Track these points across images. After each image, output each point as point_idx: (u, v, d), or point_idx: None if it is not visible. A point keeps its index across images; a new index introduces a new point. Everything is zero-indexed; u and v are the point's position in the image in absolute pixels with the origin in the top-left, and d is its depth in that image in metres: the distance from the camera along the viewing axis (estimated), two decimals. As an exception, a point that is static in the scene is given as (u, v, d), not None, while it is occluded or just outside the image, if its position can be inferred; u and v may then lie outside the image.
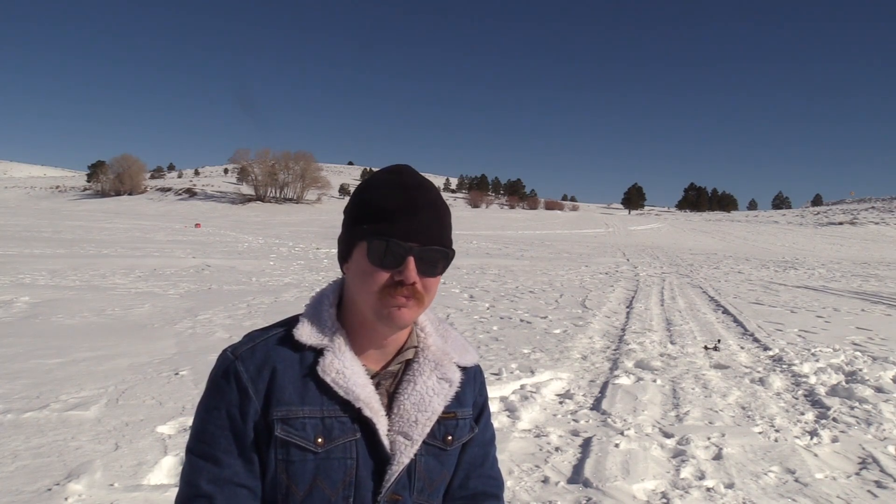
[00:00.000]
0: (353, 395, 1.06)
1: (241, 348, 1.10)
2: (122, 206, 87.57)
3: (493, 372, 5.54)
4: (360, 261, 1.06)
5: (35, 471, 3.18)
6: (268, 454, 1.06)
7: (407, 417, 1.10)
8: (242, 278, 12.12)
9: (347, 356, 1.08)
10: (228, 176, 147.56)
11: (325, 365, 1.06)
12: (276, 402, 1.05)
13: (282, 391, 1.05)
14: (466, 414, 1.21)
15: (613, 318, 9.23)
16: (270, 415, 1.05)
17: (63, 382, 4.70)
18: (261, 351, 1.08)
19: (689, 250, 35.56)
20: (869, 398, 5.12)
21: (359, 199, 1.11)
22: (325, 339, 1.09)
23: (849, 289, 15.76)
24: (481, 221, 73.47)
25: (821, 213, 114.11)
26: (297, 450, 1.04)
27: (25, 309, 7.72)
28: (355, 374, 1.07)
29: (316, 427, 1.05)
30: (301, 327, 1.10)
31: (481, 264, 18.46)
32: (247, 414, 1.05)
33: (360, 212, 1.08)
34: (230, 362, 1.08)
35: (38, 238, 20.20)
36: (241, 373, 1.06)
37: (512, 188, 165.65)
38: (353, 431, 1.07)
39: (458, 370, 1.18)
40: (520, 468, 3.54)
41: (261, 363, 1.07)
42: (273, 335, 1.11)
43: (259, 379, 1.06)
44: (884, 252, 45.37)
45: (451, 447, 1.18)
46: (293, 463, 1.05)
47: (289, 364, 1.07)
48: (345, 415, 1.07)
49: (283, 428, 1.04)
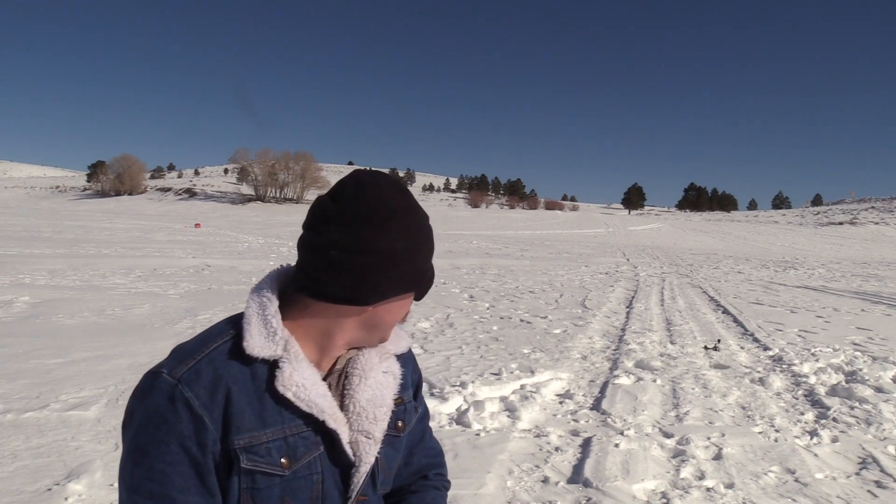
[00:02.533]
0: (316, 408, 0.99)
1: (180, 369, 0.95)
2: (122, 206, 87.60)
3: (493, 372, 5.54)
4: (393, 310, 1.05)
5: (35, 471, 3.18)
6: (228, 483, 0.97)
7: (366, 416, 1.06)
8: (242, 278, 12.12)
9: (304, 366, 1.00)
10: (228, 176, 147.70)
11: (285, 379, 0.97)
12: (235, 429, 0.94)
13: (241, 416, 0.95)
14: (409, 396, 1.20)
15: (613, 318, 9.23)
16: (230, 443, 0.95)
17: (63, 382, 4.70)
18: (207, 370, 0.95)
19: (689, 250, 35.56)
20: (869, 398, 5.12)
21: (390, 226, 0.98)
22: (278, 348, 0.98)
23: (849, 289, 15.76)
24: (481, 221, 73.49)
25: (821, 213, 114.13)
26: (263, 476, 0.97)
27: (25, 309, 7.72)
28: (315, 384, 1.00)
29: (280, 448, 0.98)
30: (250, 338, 0.98)
31: (481, 264, 18.46)
32: (205, 446, 0.93)
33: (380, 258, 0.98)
34: (171, 387, 0.93)
35: (38, 238, 20.19)
36: (190, 399, 0.93)
37: (512, 188, 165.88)
38: (317, 445, 1.01)
39: (397, 361, 1.16)
40: (520, 468, 3.54)
41: (211, 386, 0.94)
42: (215, 349, 0.98)
43: (213, 404, 0.93)
44: (884, 252, 45.37)
45: (404, 433, 1.16)
46: (259, 490, 0.97)
47: (242, 383, 0.96)
48: (307, 429, 1.00)
49: (249, 457, 0.95)
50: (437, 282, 12.84)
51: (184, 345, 1.01)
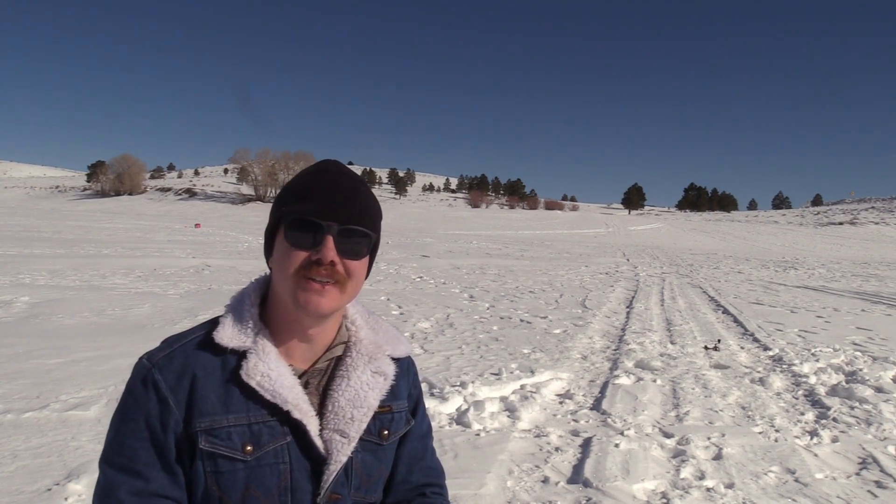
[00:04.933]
0: (280, 398, 1.01)
1: (157, 355, 1.04)
2: (122, 206, 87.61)
3: (493, 372, 5.54)
4: (280, 244, 1.04)
5: (35, 471, 3.18)
6: (194, 466, 1.01)
7: (342, 415, 1.07)
8: (242, 278, 12.11)
9: (272, 357, 1.03)
10: (228, 176, 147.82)
11: (249, 368, 1.01)
12: (198, 412, 1.00)
13: (204, 401, 1.01)
14: (402, 407, 1.19)
15: (613, 318, 9.23)
16: (193, 426, 1.00)
17: (63, 382, 4.70)
18: (179, 357, 1.03)
19: (689, 250, 35.56)
20: (869, 398, 5.12)
21: (283, 187, 1.10)
22: (248, 340, 1.04)
23: (849, 289, 15.76)
24: (481, 221, 73.50)
25: (821, 213, 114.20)
26: (225, 460, 1.00)
27: (25, 309, 7.71)
28: (281, 375, 1.03)
29: (243, 434, 1.01)
30: (221, 330, 1.05)
31: (481, 264, 18.47)
32: (167, 426, 1.00)
33: (282, 197, 1.07)
34: (146, 370, 1.02)
35: (38, 238, 20.19)
36: (158, 381, 1.01)
37: (512, 188, 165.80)
38: (284, 435, 1.03)
39: (391, 363, 1.16)
40: (520, 468, 3.54)
41: (180, 371, 1.02)
42: (191, 339, 1.06)
43: (179, 388, 1.01)
44: (884, 252, 45.37)
45: (388, 441, 1.15)
46: (222, 474, 1.01)
47: (210, 370, 1.03)
48: (273, 418, 1.03)
49: (208, 439, 1.00)
50: (437, 282, 12.86)
51: (171, 336, 1.09)
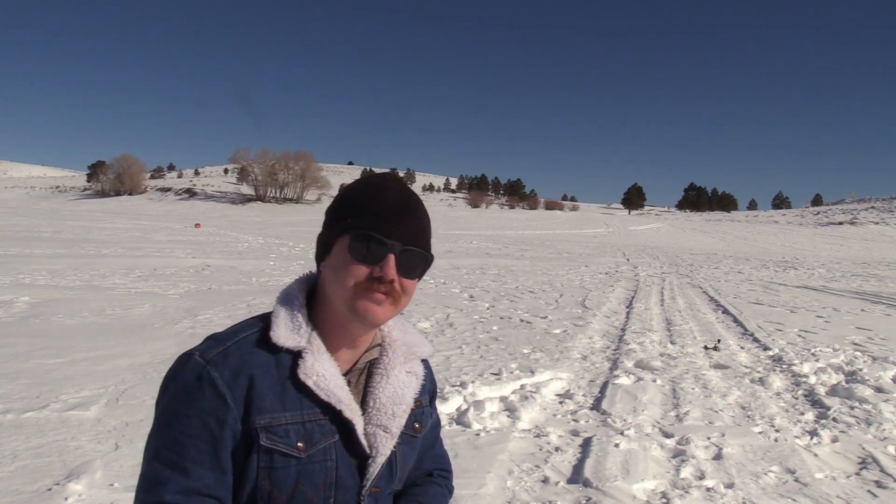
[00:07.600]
0: (334, 398, 1.06)
1: (210, 352, 1.05)
2: (122, 206, 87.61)
3: (493, 372, 5.54)
4: (341, 255, 1.06)
5: (35, 471, 3.18)
6: (247, 462, 1.04)
7: (385, 411, 1.13)
8: (242, 278, 12.12)
9: (325, 358, 1.08)
10: (228, 176, 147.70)
11: (307, 368, 1.05)
12: (256, 409, 1.03)
13: (262, 398, 1.03)
14: (426, 401, 1.27)
15: (613, 318, 9.23)
16: (251, 423, 1.03)
17: (63, 382, 4.70)
18: (234, 356, 1.05)
19: (689, 250, 35.56)
20: (869, 398, 5.13)
21: (343, 197, 1.12)
22: (302, 340, 1.07)
23: (849, 289, 15.76)
24: (481, 221, 73.49)
25: (821, 213, 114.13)
26: (281, 456, 1.04)
27: (25, 309, 7.72)
28: (335, 376, 1.08)
29: (298, 432, 1.05)
30: (277, 329, 1.07)
31: (481, 264, 18.47)
32: (224, 423, 1.01)
33: (344, 208, 1.09)
34: (201, 367, 1.03)
35: (38, 238, 20.19)
36: (216, 379, 1.02)
37: (512, 188, 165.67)
38: (332, 433, 1.08)
39: (421, 364, 1.23)
40: (520, 468, 3.54)
41: (236, 369, 1.03)
42: (244, 338, 1.08)
43: (236, 386, 1.02)
44: (884, 252, 45.37)
45: (420, 434, 1.23)
46: (276, 469, 1.04)
47: (266, 369, 1.05)
48: (324, 417, 1.07)
49: (268, 436, 1.03)
50: (437, 282, 12.85)
51: (217, 333, 1.11)
